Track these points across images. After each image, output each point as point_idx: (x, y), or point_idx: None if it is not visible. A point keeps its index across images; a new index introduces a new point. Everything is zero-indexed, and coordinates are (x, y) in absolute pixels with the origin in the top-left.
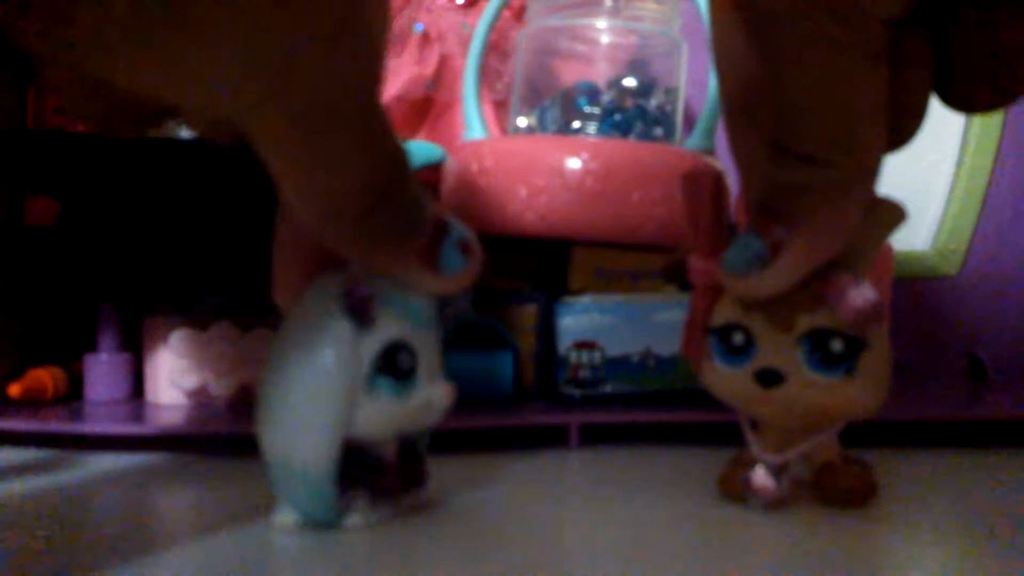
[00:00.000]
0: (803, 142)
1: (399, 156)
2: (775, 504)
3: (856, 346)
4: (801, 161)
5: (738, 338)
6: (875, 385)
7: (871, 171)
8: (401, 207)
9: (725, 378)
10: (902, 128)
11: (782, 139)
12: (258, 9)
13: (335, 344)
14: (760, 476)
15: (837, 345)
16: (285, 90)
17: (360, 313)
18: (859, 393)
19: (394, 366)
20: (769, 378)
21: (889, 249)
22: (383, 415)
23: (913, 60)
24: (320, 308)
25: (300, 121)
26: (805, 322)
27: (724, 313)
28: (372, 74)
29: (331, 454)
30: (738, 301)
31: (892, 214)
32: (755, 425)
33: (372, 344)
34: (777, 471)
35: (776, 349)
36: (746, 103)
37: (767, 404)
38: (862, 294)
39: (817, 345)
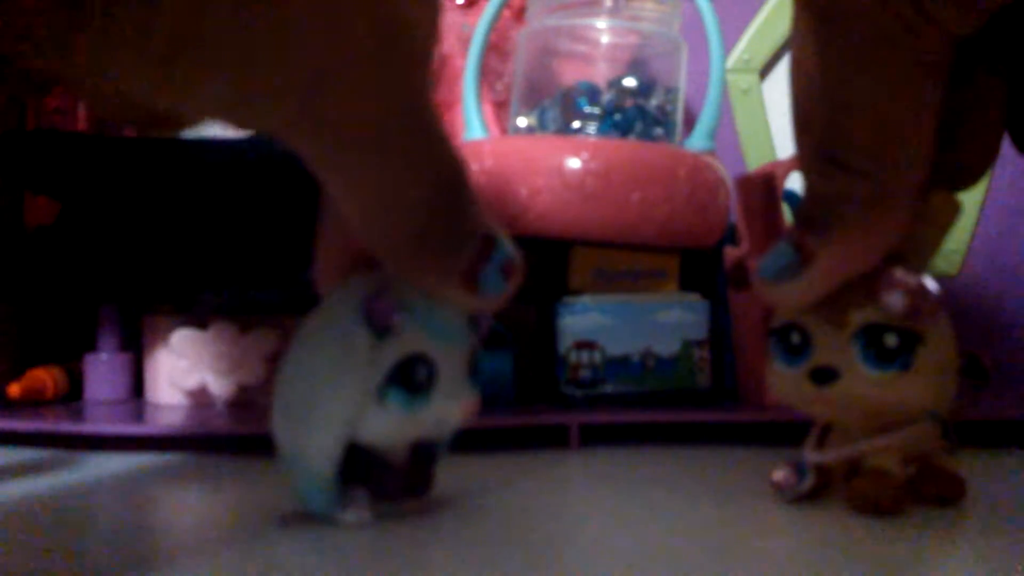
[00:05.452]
0: (847, 150)
1: (456, 169)
2: (796, 499)
3: (911, 340)
4: (842, 170)
5: (795, 338)
6: (934, 380)
7: (911, 185)
8: (454, 225)
9: (783, 379)
10: (970, 166)
11: (828, 146)
12: (277, 37)
13: (350, 349)
14: (781, 472)
15: (891, 339)
16: (320, 109)
17: (378, 322)
18: (915, 388)
19: (409, 379)
20: (823, 376)
21: None
22: (390, 425)
23: (985, 98)
24: (342, 311)
25: (340, 139)
26: (858, 318)
27: (783, 314)
28: (419, 85)
29: (333, 454)
30: None
31: (948, 208)
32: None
33: (390, 354)
34: (809, 468)
35: (831, 346)
36: (804, 110)
37: (823, 403)
38: (910, 288)
39: (871, 341)
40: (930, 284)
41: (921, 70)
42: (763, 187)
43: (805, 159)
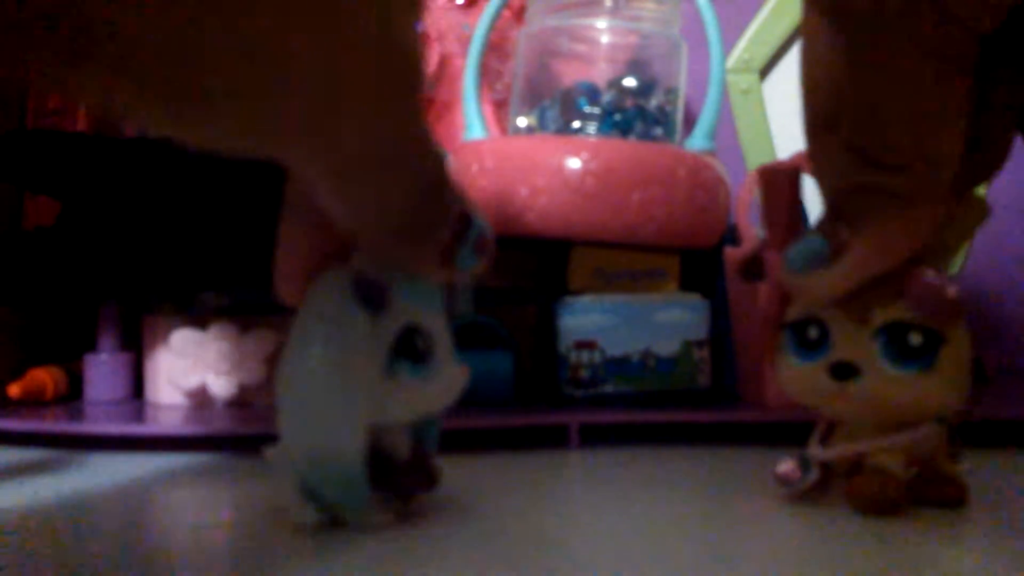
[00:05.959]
0: (882, 146)
1: (439, 164)
2: (798, 495)
3: (934, 340)
4: (876, 165)
5: (813, 332)
6: (953, 381)
7: (944, 181)
8: (436, 211)
9: (798, 373)
10: (983, 165)
11: (861, 143)
12: (281, 72)
13: (352, 332)
14: (785, 466)
15: (915, 339)
16: (324, 134)
17: (374, 299)
18: (936, 388)
19: (412, 349)
20: (844, 371)
21: None
22: (406, 397)
23: (1001, 96)
24: (333, 299)
25: (342, 158)
26: (882, 315)
27: (800, 307)
28: (416, 99)
29: (360, 441)
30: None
31: (976, 210)
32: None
33: (388, 329)
34: (813, 464)
35: (852, 342)
36: (828, 109)
37: (841, 399)
38: (939, 289)
39: (894, 338)
40: (950, 284)
41: (946, 66)
42: (789, 179)
43: (831, 155)
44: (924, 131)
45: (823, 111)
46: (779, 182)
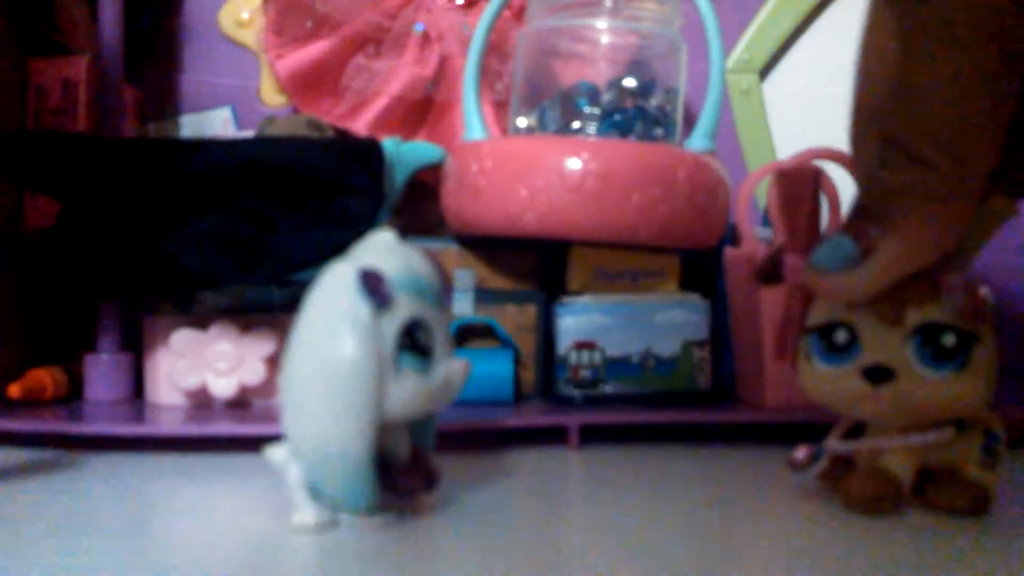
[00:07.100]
0: (921, 141)
1: None
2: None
3: (968, 340)
4: (909, 160)
5: (841, 336)
6: (984, 379)
7: (975, 185)
8: None
9: (826, 378)
10: None
11: (902, 135)
12: None
13: (357, 327)
14: (797, 452)
15: (950, 339)
16: None
17: (378, 293)
18: (970, 388)
19: (415, 343)
20: (879, 375)
21: None
22: (411, 391)
23: None
24: (336, 295)
25: None
26: (916, 317)
27: (824, 311)
28: None
29: (367, 435)
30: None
31: (1005, 211)
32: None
33: (392, 323)
34: (825, 454)
35: (884, 345)
36: (876, 101)
37: (876, 402)
38: (972, 289)
39: (929, 340)
40: (978, 283)
41: (1005, 67)
42: (811, 180)
43: (870, 150)
44: (969, 127)
45: (871, 103)
46: (801, 184)
